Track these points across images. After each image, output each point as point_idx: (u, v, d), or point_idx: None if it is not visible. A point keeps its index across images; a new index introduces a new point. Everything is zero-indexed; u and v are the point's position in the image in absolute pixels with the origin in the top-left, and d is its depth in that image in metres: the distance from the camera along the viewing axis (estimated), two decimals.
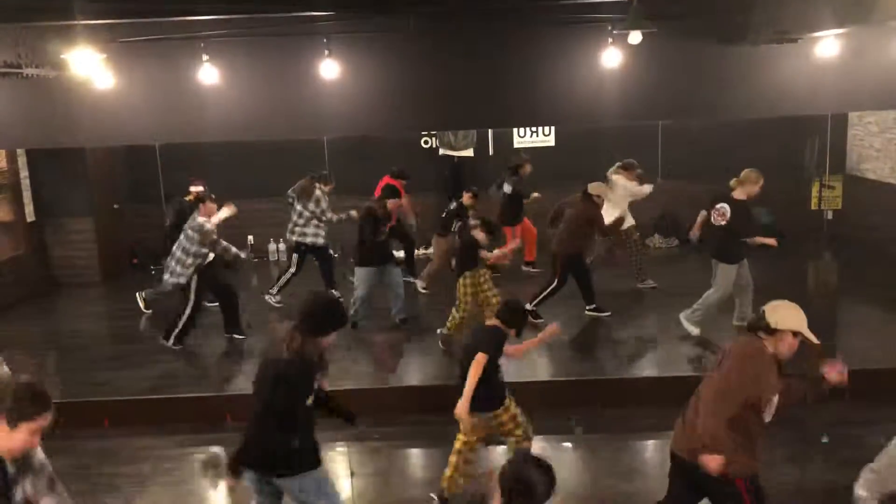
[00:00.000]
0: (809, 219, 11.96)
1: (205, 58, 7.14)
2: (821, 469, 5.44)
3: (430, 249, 11.50)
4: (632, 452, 5.97)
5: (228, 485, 3.99)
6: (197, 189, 9.53)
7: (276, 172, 11.09)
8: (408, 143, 12.21)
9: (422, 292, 9.76)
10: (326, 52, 7.12)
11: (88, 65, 6.41)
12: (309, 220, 9.36)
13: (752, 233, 7.57)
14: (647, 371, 7.09)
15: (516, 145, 12.40)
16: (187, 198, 9.61)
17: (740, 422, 3.73)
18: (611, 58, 7.10)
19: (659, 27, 6.49)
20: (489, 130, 12.19)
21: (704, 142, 11.76)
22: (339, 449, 6.14)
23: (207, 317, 8.45)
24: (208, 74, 7.19)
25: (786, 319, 3.79)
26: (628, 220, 9.51)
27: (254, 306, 9.35)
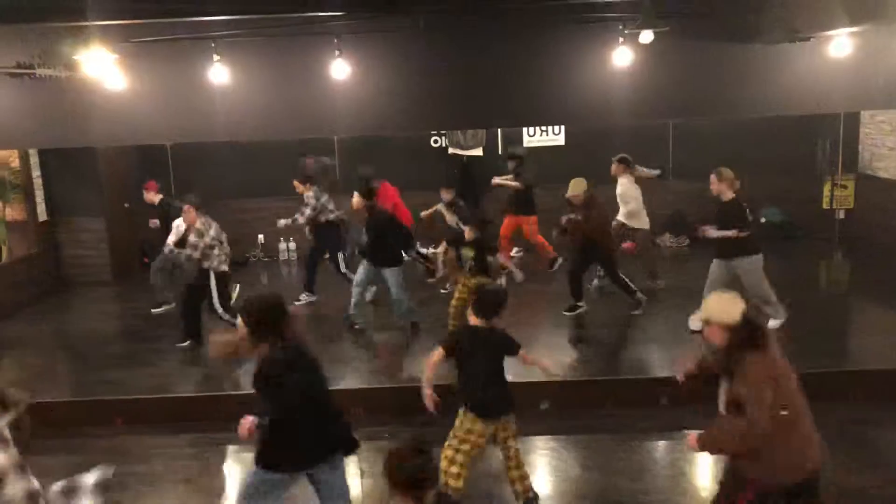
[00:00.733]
0: (821, 218, 11.91)
1: (216, 58, 7.16)
2: (835, 469, 5.40)
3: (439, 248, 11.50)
4: (641, 452, 5.95)
5: None
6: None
7: (287, 172, 11.11)
8: (417, 142, 12.22)
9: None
10: (337, 52, 7.13)
11: (100, 65, 6.44)
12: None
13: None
14: (657, 371, 7.06)
15: (526, 144, 12.37)
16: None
17: None
18: (622, 57, 7.08)
19: (670, 26, 6.47)
20: (498, 130, 12.18)
21: (715, 141, 11.70)
22: None
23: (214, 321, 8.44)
24: (219, 74, 7.21)
25: None
26: (641, 221, 9.48)
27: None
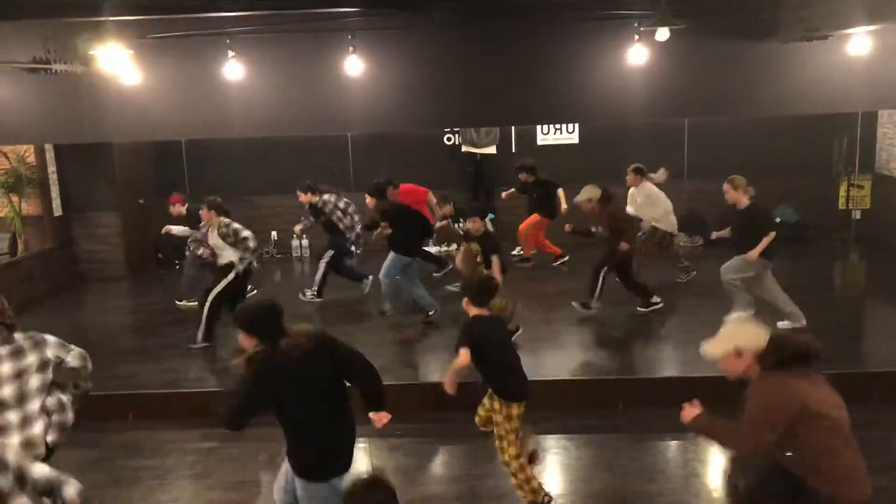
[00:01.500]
0: (837, 218, 11.81)
1: (231, 54, 7.18)
2: None
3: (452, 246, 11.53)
4: (654, 453, 5.91)
5: None
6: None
7: (301, 168, 11.14)
8: (431, 139, 12.21)
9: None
10: (351, 49, 7.14)
11: (116, 61, 6.46)
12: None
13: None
14: (671, 371, 7.03)
15: (539, 143, 12.36)
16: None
17: None
18: (637, 55, 7.04)
19: (687, 24, 6.43)
20: (512, 128, 12.15)
21: (731, 140, 11.64)
22: (360, 445, 6.14)
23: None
24: (234, 70, 7.23)
25: None
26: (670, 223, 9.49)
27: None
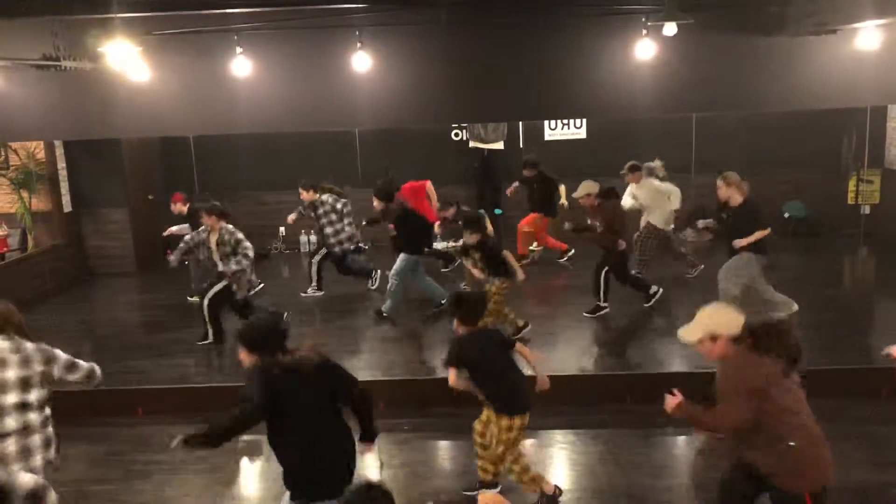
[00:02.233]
0: (846, 214, 11.77)
1: (238, 50, 7.20)
2: (854, 468, 5.36)
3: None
4: (661, 448, 5.92)
5: None
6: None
7: (308, 164, 11.16)
8: (438, 135, 12.22)
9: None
10: (358, 45, 7.14)
11: (124, 57, 6.48)
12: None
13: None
14: (677, 366, 7.03)
15: (547, 138, 12.35)
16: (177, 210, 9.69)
17: None
18: (645, 49, 7.02)
19: (694, 18, 6.41)
20: (520, 123, 12.14)
21: (739, 135, 11.61)
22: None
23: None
24: (242, 67, 7.25)
25: None
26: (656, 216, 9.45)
27: (280, 300, 9.46)
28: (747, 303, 7.21)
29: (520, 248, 10.69)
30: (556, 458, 5.87)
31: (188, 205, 9.56)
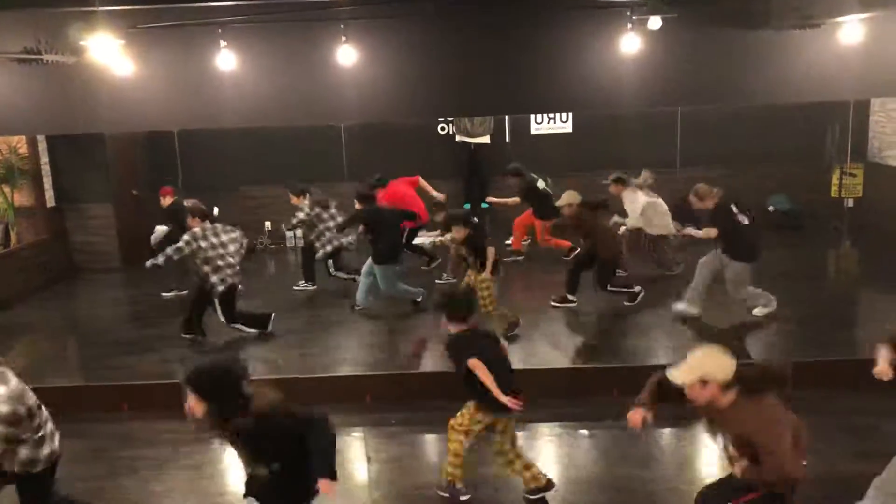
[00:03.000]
0: (830, 207, 11.85)
1: (223, 44, 7.16)
2: (836, 459, 5.41)
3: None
4: (648, 440, 5.94)
5: None
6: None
7: (294, 159, 11.12)
8: (425, 129, 12.20)
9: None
10: (344, 38, 7.12)
11: (107, 51, 6.42)
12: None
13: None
14: (664, 359, 7.06)
15: (533, 132, 12.36)
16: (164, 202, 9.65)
17: None
18: (630, 43, 7.04)
19: (678, 12, 6.44)
20: (506, 117, 12.15)
21: (724, 129, 11.66)
22: (356, 434, 6.18)
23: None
24: (226, 60, 7.21)
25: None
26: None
27: (267, 296, 9.45)
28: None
29: (515, 242, 10.70)
30: (544, 451, 5.89)
31: (174, 198, 9.52)
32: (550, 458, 5.78)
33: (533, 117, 12.23)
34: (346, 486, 5.36)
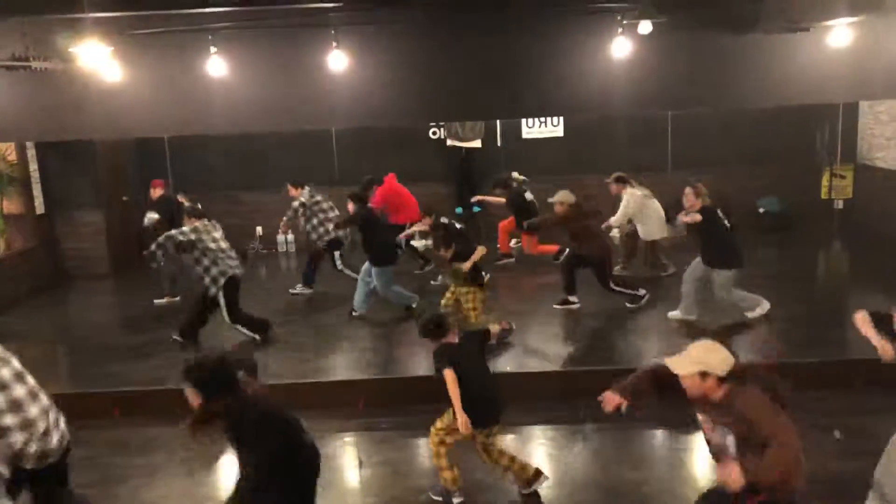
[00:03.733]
0: (820, 208, 11.91)
1: (213, 50, 7.15)
2: (831, 458, 5.42)
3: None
4: (640, 441, 5.96)
5: None
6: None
7: (285, 164, 11.11)
8: (416, 134, 12.21)
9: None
10: (334, 44, 7.12)
11: (96, 57, 6.42)
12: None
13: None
14: (656, 361, 7.08)
15: (525, 136, 12.38)
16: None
17: None
18: (620, 48, 7.07)
19: (669, 16, 6.46)
20: (497, 121, 12.17)
21: (715, 132, 11.71)
22: (347, 439, 6.16)
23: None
24: (216, 66, 7.20)
25: None
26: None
27: (259, 299, 9.42)
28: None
29: (501, 246, 10.71)
30: (536, 453, 5.89)
31: (161, 193, 9.68)
32: (544, 461, 5.77)
33: (524, 121, 12.26)
34: (338, 490, 5.35)
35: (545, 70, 7.50)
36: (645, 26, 6.50)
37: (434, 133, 12.44)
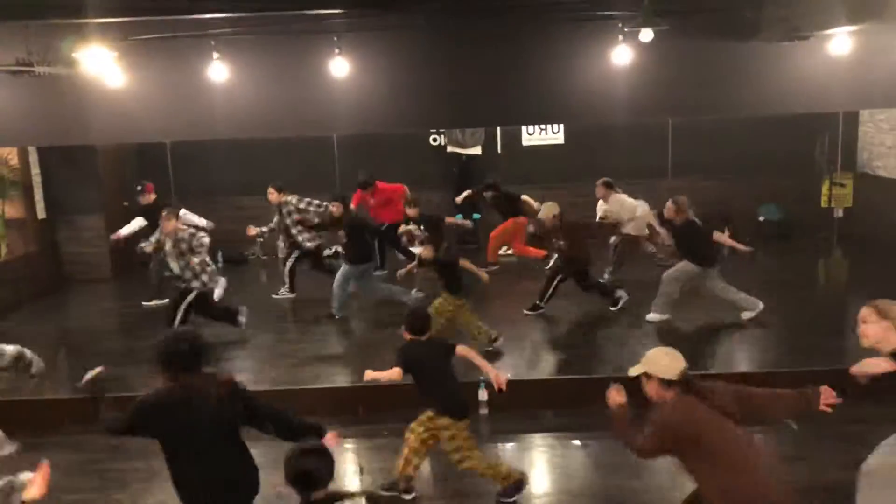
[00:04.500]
0: (820, 217, 11.91)
1: (215, 55, 7.16)
2: (829, 467, 5.43)
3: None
4: None
5: None
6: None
7: (286, 170, 11.11)
8: (416, 140, 12.22)
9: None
10: (337, 50, 7.14)
11: (100, 63, 6.44)
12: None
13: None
14: None
15: (525, 143, 12.40)
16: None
17: None
18: (621, 55, 7.08)
19: (670, 24, 6.48)
20: (498, 128, 12.18)
21: (714, 139, 11.72)
22: (348, 445, 6.16)
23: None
24: (219, 72, 7.22)
25: None
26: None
27: (256, 305, 9.43)
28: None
29: (490, 255, 10.71)
30: (536, 461, 5.89)
31: (153, 198, 9.76)
32: (543, 469, 5.77)
33: (525, 128, 12.27)
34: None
35: (546, 77, 7.52)
36: (646, 34, 6.51)
37: (434, 140, 12.45)
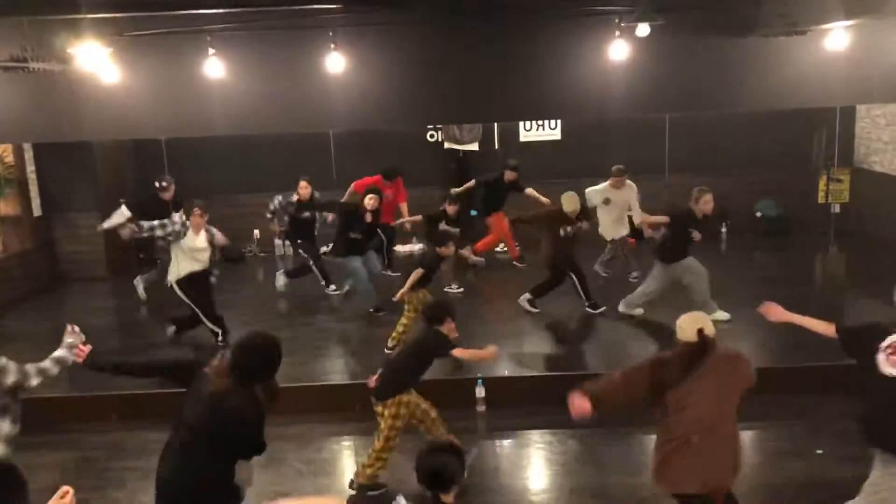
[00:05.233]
0: (817, 212, 11.92)
1: (211, 51, 7.13)
2: (827, 463, 5.43)
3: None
4: (638, 447, 5.94)
5: None
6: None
7: (283, 166, 11.10)
8: (413, 136, 12.19)
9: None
10: (332, 46, 7.10)
11: (95, 59, 6.40)
12: None
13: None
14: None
15: (522, 139, 12.38)
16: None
17: None
18: (618, 50, 7.06)
19: (667, 19, 6.46)
20: (495, 124, 12.16)
21: (712, 135, 11.71)
22: (345, 443, 6.16)
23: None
24: (214, 68, 7.18)
25: None
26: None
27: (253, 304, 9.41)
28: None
29: (511, 251, 10.73)
30: (534, 458, 5.89)
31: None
32: (541, 466, 5.77)
33: (522, 124, 12.24)
34: (336, 495, 5.34)
35: (543, 73, 7.50)
36: (643, 29, 6.50)
37: (432, 136, 12.42)
